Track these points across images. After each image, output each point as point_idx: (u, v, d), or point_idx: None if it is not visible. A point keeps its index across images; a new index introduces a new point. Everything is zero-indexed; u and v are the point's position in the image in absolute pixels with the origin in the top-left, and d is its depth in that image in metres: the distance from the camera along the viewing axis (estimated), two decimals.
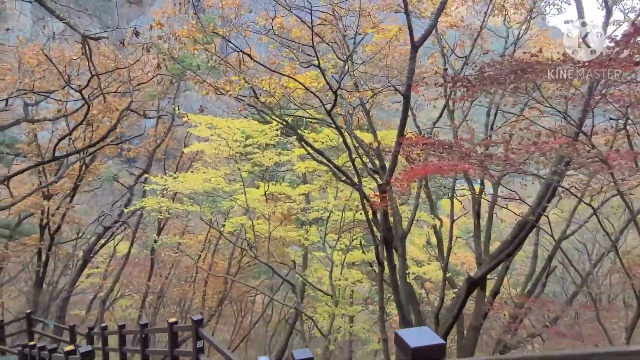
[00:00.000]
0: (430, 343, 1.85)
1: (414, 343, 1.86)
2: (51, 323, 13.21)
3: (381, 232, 8.74)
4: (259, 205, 13.85)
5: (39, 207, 16.18)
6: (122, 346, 9.51)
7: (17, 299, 24.71)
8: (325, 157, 12.78)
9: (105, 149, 18.51)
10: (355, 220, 14.83)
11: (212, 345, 6.23)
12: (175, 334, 7.40)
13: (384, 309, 9.03)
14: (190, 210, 13.93)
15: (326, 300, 14.56)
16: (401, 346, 1.90)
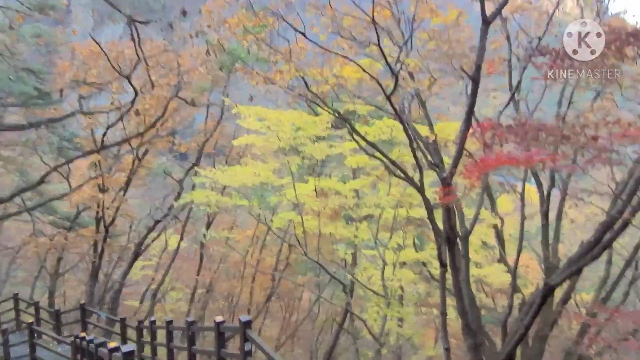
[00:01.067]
0: None
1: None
2: (103, 315, 13.27)
3: (443, 230, 7.89)
4: (309, 201, 13.28)
5: (95, 200, 16.45)
6: (170, 342, 9.21)
7: (77, 288, 25.64)
8: (379, 149, 12.00)
9: (157, 144, 18.64)
10: (408, 217, 13.95)
11: (258, 347, 5.68)
12: (222, 334, 6.92)
13: (446, 315, 8.18)
14: (238, 205, 13.58)
15: (376, 301, 13.80)
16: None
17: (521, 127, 4.77)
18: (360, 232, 15.58)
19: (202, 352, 8.32)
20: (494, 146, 5.79)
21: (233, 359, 6.85)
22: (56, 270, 19.54)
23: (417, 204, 14.04)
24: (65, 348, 11.99)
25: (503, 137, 5.04)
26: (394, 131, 13.90)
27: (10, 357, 11.86)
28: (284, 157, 11.89)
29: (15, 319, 14.44)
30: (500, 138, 5.19)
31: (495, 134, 5.40)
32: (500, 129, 5.08)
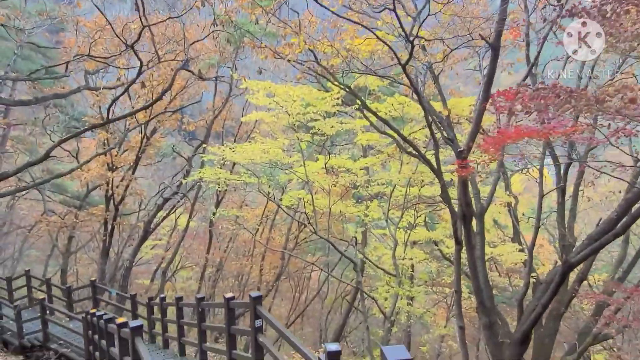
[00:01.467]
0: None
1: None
2: (114, 291, 13.26)
3: (459, 206, 7.61)
4: (318, 179, 13.02)
5: (104, 178, 16.35)
6: (180, 318, 9.12)
7: (89, 266, 25.87)
8: (391, 125, 11.65)
9: (165, 122, 18.43)
10: (420, 196, 13.66)
11: (269, 323, 5.50)
12: (232, 310, 6.77)
13: (461, 293, 7.95)
14: (248, 183, 13.37)
15: (387, 280, 13.63)
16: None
17: (551, 91, 4.42)
18: (370, 210, 15.35)
19: (212, 328, 8.20)
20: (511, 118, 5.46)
21: (244, 335, 6.70)
22: (67, 248, 19.62)
23: (429, 182, 13.75)
24: (77, 324, 12.03)
25: (530, 102, 4.69)
26: (405, 108, 13.52)
27: (23, 333, 11.93)
28: (293, 134, 11.59)
29: (27, 295, 14.52)
30: (525, 106, 4.85)
31: (519, 102, 5.05)
32: (527, 94, 4.73)
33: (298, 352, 4.85)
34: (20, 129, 21.37)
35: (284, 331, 5.19)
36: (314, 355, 4.67)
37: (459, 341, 7.67)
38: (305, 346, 4.88)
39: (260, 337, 5.88)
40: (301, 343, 4.88)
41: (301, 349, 4.68)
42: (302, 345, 4.76)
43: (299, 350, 4.73)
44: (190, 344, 8.87)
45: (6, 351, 12.23)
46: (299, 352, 4.77)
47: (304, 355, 4.65)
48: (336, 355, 4.16)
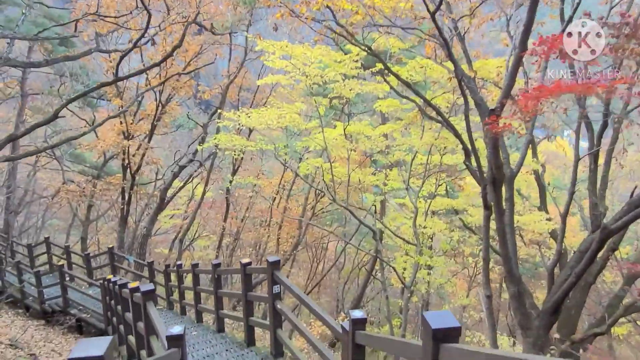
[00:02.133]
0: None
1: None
2: (131, 258, 13.19)
3: (489, 170, 7.06)
4: (336, 147, 12.51)
5: (120, 146, 16.12)
6: (196, 285, 8.90)
7: (110, 236, 26.15)
8: (413, 88, 11.02)
9: (180, 90, 18.01)
10: (441, 164, 13.06)
11: (288, 289, 5.15)
12: (249, 276, 6.45)
13: (489, 261, 7.49)
14: (264, 150, 12.94)
15: (406, 249, 13.22)
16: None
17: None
18: (390, 179, 14.84)
19: (228, 295, 7.95)
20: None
21: (261, 302, 6.39)
22: (87, 217, 19.69)
23: (451, 150, 13.14)
24: (96, 290, 12.03)
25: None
26: (427, 71, 12.81)
27: (44, 298, 11.99)
28: (311, 98, 11.04)
29: (48, 262, 14.60)
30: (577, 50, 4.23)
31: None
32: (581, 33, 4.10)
33: (318, 318, 4.48)
34: (37, 99, 21.27)
35: (304, 297, 4.83)
36: (335, 322, 4.30)
37: (486, 310, 7.26)
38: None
39: (278, 304, 5.55)
40: (322, 309, 4.52)
41: (322, 316, 4.31)
42: (323, 312, 4.39)
43: (320, 317, 4.36)
44: (207, 311, 8.66)
45: (28, 315, 12.35)
46: (320, 318, 4.40)
47: (325, 322, 4.28)
48: (361, 323, 3.77)
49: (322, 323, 4.39)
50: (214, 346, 7.02)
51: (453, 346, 2.14)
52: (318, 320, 4.45)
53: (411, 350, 2.59)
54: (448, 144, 12.45)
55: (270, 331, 5.77)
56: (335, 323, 4.23)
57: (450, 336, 2.18)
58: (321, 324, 12.58)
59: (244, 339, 6.79)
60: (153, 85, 15.20)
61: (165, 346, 3.77)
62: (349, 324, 3.85)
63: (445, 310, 2.46)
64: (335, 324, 4.17)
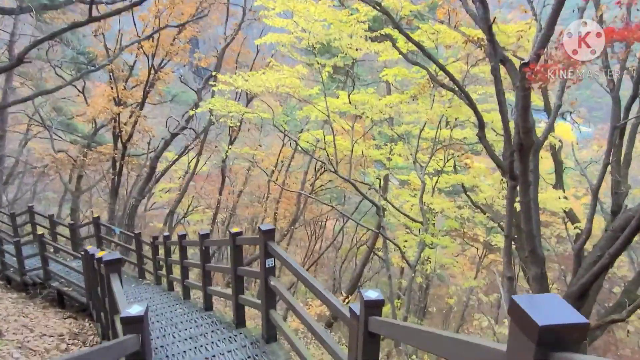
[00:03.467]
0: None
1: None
2: (117, 229, 12.29)
3: (516, 134, 6.08)
4: (340, 114, 11.46)
5: (111, 114, 15.04)
6: (183, 258, 8.01)
7: (105, 209, 25.27)
8: (425, 51, 9.94)
9: (175, 56, 16.83)
10: (451, 138, 12.05)
11: (284, 263, 4.24)
12: (239, 248, 5.53)
13: (512, 239, 6.59)
14: (263, 123, 11.90)
15: (411, 226, 12.33)
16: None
17: None
18: (394, 154, 13.87)
19: (215, 269, 7.05)
20: None
21: (252, 277, 5.48)
22: (77, 188, 18.73)
23: (460, 124, 12.14)
24: (79, 263, 11.18)
25: None
26: (440, 37, 11.71)
27: (25, 269, 11.13)
28: (313, 59, 9.95)
29: (32, 232, 13.70)
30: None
31: None
32: None
33: (320, 298, 3.57)
34: (26, 65, 20.00)
35: (302, 273, 3.91)
36: (340, 302, 3.39)
37: (506, 295, 6.39)
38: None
39: (271, 280, 4.64)
40: (324, 288, 3.60)
41: (324, 295, 3.40)
42: (326, 291, 3.47)
43: (322, 297, 3.45)
44: (194, 287, 7.78)
45: (9, 287, 11.51)
46: (321, 298, 3.49)
47: (328, 302, 3.38)
48: (377, 306, 2.85)
49: (324, 304, 3.48)
50: (200, 326, 6.15)
51: None
52: (319, 299, 3.47)
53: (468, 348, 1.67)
54: (460, 115, 11.43)
55: (262, 312, 4.88)
56: (342, 304, 3.32)
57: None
58: (320, 303, 11.87)
59: (233, 319, 5.91)
60: (147, 54, 14.03)
61: None
62: (360, 306, 2.95)
63: (552, 294, 1.44)
64: (342, 306, 3.26)
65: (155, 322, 6.76)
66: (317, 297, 3.58)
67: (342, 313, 3.18)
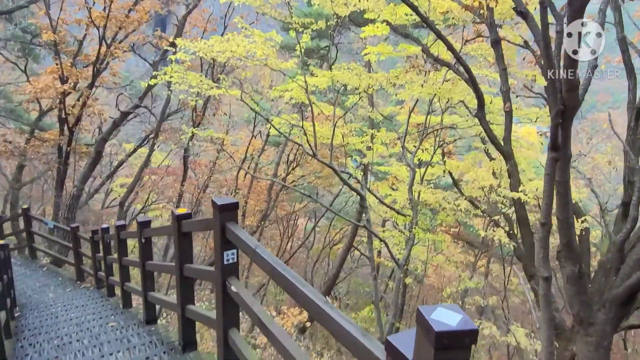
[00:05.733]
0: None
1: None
2: (50, 223, 10.17)
3: (559, 93, 4.57)
4: (320, 90, 9.77)
5: (55, 93, 12.75)
6: (122, 255, 6.09)
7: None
8: (424, 17, 8.48)
9: (132, 37, 14.70)
10: (442, 121, 10.57)
11: (251, 255, 2.50)
12: (187, 236, 3.74)
13: (550, 228, 5.06)
14: (230, 96, 10.04)
15: (404, 218, 10.76)
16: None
17: None
18: (376, 142, 12.29)
19: (159, 267, 5.19)
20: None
21: (204, 279, 3.67)
22: (18, 179, 16.22)
23: (457, 104, 10.68)
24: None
25: None
26: (432, 3, 10.26)
27: None
28: (291, 19, 8.22)
29: None
30: None
31: None
32: None
33: (331, 328, 1.85)
34: None
35: (284, 272, 2.17)
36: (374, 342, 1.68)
37: (542, 298, 4.87)
38: None
39: (232, 284, 2.88)
40: (302, 281, 1.90)
41: (343, 327, 1.68)
42: (339, 314, 1.76)
43: (337, 327, 1.73)
44: (135, 292, 5.88)
45: None
46: (336, 330, 1.77)
47: (346, 337, 1.66)
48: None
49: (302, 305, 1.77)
50: (133, 350, 4.32)
51: None
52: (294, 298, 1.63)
53: None
54: (454, 95, 9.96)
55: (218, 332, 3.10)
56: (375, 344, 1.61)
57: None
58: (298, 313, 10.07)
59: (179, 339, 4.10)
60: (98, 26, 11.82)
61: None
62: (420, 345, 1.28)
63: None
64: (322, 300, 1.55)
65: (74, 342, 4.87)
66: (324, 324, 1.86)
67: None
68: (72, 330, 5.35)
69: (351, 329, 1.61)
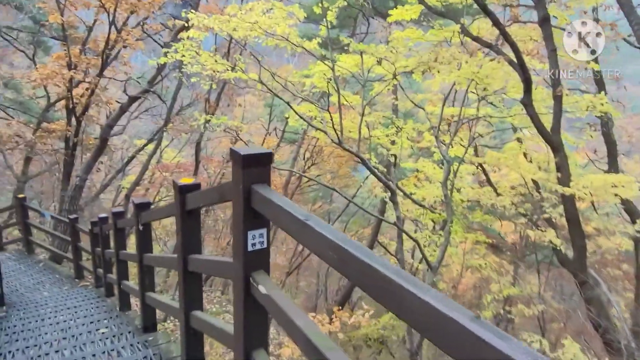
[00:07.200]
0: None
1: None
2: (48, 214, 9.27)
3: None
4: (345, 76, 8.75)
5: (60, 79, 11.92)
6: (120, 249, 5.09)
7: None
8: None
9: (146, 26, 13.85)
10: (478, 111, 9.45)
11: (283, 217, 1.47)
12: (193, 216, 2.71)
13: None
14: (245, 80, 9.05)
15: (434, 217, 9.67)
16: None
17: None
18: (402, 136, 11.21)
19: (158, 261, 4.16)
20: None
21: (218, 274, 2.57)
22: (24, 172, 15.43)
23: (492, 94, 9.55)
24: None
25: None
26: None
27: None
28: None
29: None
30: None
31: None
32: None
33: None
34: None
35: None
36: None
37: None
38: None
39: (260, 281, 1.83)
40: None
41: None
42: None
43: None
44: (133, 294, 4.87)
45: None
46: None
47: None
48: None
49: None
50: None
51: None
52: None
53: None
54: (493, 81, 8.86)
55: (238, 357, 2.05)
56: None
57: None
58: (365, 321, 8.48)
59: (182, 354, 3.06)
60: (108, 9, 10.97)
61: None
62: None
63: None
64: None
65: (53, 353, 3.87)
66: None
67: None
68: (56, 337, 4.36)
69: None
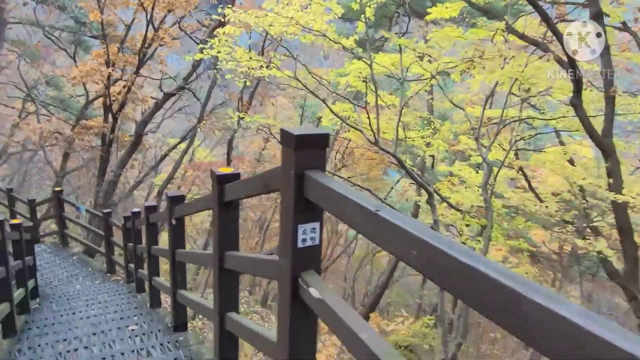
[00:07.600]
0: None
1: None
2: (82, 208, 9.37)
3: None
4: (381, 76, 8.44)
5: (99, 76, 12.13)
6: (152, 244, 4.96)
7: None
8: None
9: (183, 25, 13.99)
10: (521, 111, 8.95)
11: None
12: (232, 206, 2.48)
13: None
14: (277, 77, 8.88)
15: (470, 220, 9.21)
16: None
17: None
18: (437, 137, 10.81)
19: (193, 258, 3.97)
20: None
21: (264, 274, 2.32)
22: (62, 167, 15.85)
23: (540, 91, 9.03)
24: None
25: None
26: None
27: None
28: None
29: None
30: None
31: None
32: None
33: None
34: (15, 28, 17.37)
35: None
36: None
37: None
38: None
39: (311, 283, 1.57)
40: None
41: None
42: None
43: None
44: (165, 290, 4.73)
45: None
46: None
47: None
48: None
49: None
50: None
51: None
52: None
53: None
54: (539, 80, 8.36)
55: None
56: None
57: None
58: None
59: (216, 356, 2.83)
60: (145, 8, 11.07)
61: None
62: None
63: None
64: None
65: (82, 349, 3.73)
66: None
67: None
68: (86, 332, 4.25)
69: None
